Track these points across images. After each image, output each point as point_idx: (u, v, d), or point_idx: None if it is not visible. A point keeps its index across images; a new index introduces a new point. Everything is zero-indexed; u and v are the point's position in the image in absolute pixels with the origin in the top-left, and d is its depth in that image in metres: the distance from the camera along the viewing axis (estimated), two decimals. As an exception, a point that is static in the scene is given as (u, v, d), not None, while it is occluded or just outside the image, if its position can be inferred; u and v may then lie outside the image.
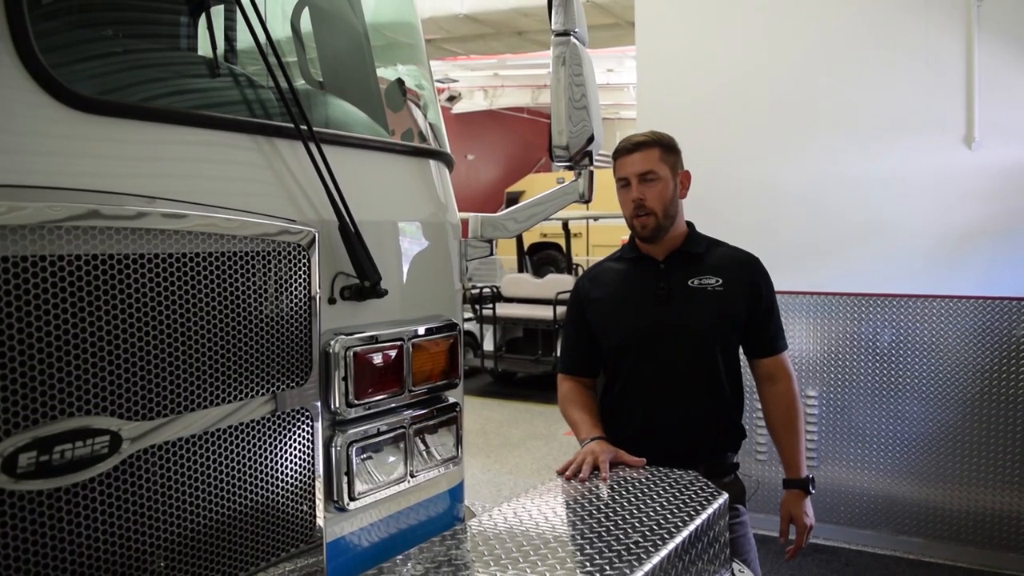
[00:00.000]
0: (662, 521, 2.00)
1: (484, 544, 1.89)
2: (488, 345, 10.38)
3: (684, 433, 2.68)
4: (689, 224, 2.80)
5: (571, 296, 2.95)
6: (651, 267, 2.75)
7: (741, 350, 2.80)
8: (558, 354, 9.84)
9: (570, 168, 2.60)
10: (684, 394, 2.68)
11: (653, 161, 2.64)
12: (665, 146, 2.69)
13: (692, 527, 1.99)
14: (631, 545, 1.85)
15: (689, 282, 2.69)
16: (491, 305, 10.34)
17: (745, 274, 2.73)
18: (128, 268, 1.47)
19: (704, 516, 2.06)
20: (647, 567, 1.75)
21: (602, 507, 2.12)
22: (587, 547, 1.85)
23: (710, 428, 2.72)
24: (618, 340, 2.75)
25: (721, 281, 2.68)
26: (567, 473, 2.44)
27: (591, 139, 2.41)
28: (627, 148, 2.68)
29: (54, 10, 1.90)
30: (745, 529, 2.75)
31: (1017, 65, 4.41)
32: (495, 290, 10.69)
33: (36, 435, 1.33)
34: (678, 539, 1.91)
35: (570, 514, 2.07)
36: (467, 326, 10.24)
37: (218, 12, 2.56)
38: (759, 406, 2.87)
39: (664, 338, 2.68)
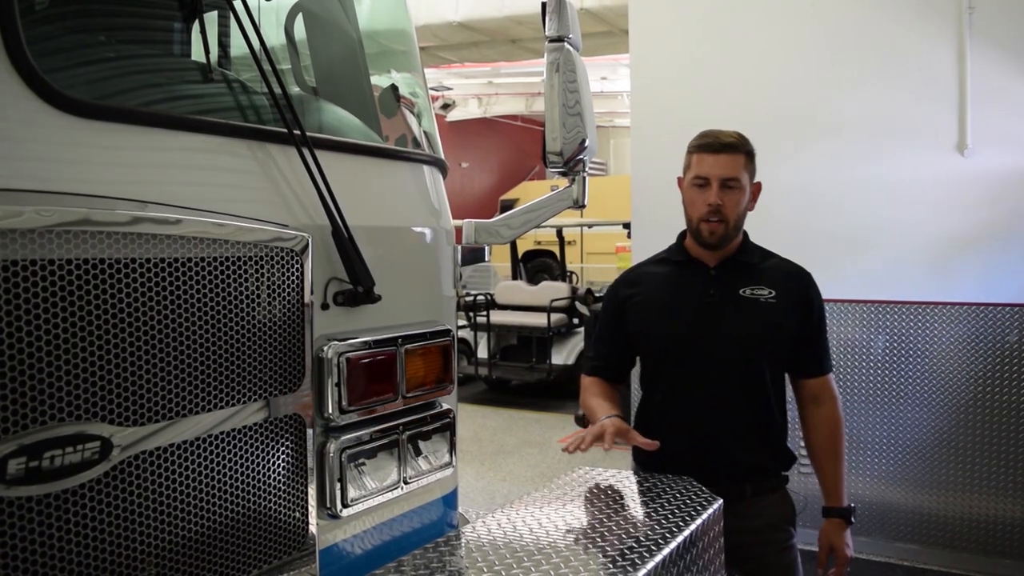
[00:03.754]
0: (656, 527, 2.00)
1: (478, 551, 1.88)
2: (482, 352, 10.37)
3: (728, 445, 2.56)
4: (743, 232, 2.68)
5: (605, 301, 2.84)
6: (701, 272, 2.62)
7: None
8: (553, 361, 9.86)
9: (564, 174, 2.59)
10: (727, 404, 2.56)
11: (738, 168, 2.51)
12: (749, 154, 2.56)
13: (686, 533, 1.98)
14: (625, 551, 1.85)
15: (740, 291, 2.57)
16: (485, 312, 10.33)
17: (798, 288, 2.62)
18: (120, 273, 1.46)
19: (698, 522, 2.06)
20: (640, 574, 1.75)
21: (596, 513, 2.11)
22: (581, 553, 1.84)
23: (754, 442, 2.60)
24: (660, 344, 2.64)
25: (774, 293, 2.56)
26: (569, 446, 2.34)
27: (583, 143, 2.40)
28: (715, 146, 2.53)
29: (47, 15, 1.90)
30: (794, 554, 2.64)
31: (1009, 73, 4.43)
32: (489, 297, 10.69)
33: (26, 441, 1.32)
34: (672, 545, 1.90)
35: (563, 521, 2.07)
36: (461, 333, 10.23)
37: (212, 18, 2.56)
38: (796, 424, 2.73)
39: (709, 346, 2.55)
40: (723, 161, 2.50)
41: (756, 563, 2.58)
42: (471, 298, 10.47)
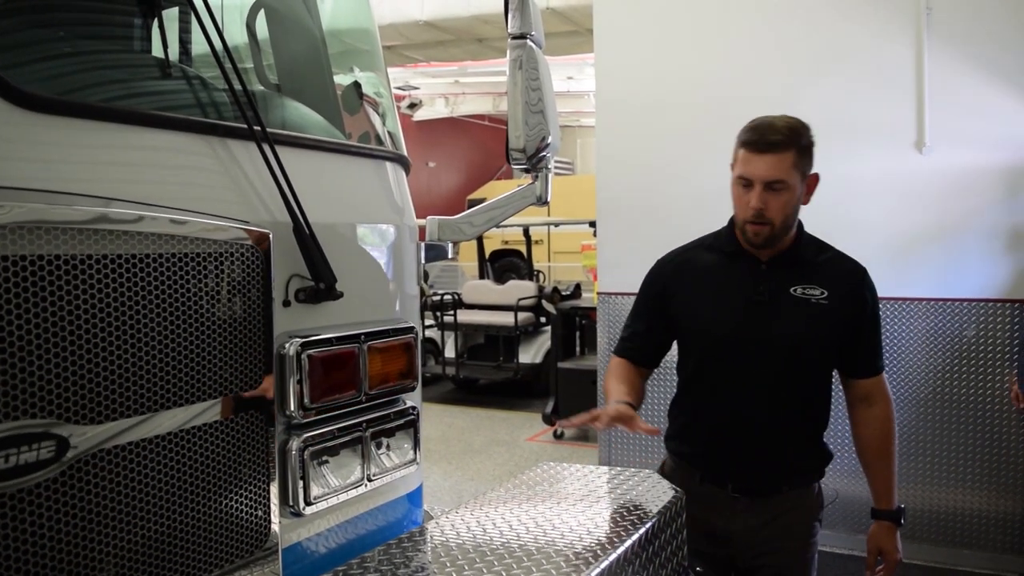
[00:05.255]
0: (617, 521, 2.01)
1: (442, 547, 1.89)
2: (450, 352, 10.36)
3: (768, 445, 2.51)
4: (798, 225, 2.54)
5: (648, 281, 2.70)
6: (751, 266, 2.51)
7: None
8: (520, 360, 9.88)
9: (528, 171, 2.59)
10: (769, 405, 2.48)
11: (785, 168, 2.35)
12: (802, 148, 2.38)
13: (646, 527, 2.00)
14: (584, 546, 1.86)
15: (792, 289, 2.46)
16: (452, 312, 10.33)
17: (852, 287, 2.51)
18: (78, 270, 1.45)
19: (657, 518, 2.07)
20: (597, 569, 1.76)
21: (558, 509, 2.13)
22: (544, 548, 1.85)
23: (795, 443, 2.55)
24: (703, 341, 2.57)
25: (827, 293, 2.45)
26: (561, 423, 2.29)
27: (545, 139, 2.39)
28: (759, 146, 2.36)
29: (3, 10, 1.87)
30: (815, 550, 2.61)
31: (967, 71, 4.51)
32: (456, 297, 10.69)
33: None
34: (630, 541, 1.92)
35: (527, 516, 2.07)
36: (428, 332, 10.22)
37: (173, 14, 2.54)
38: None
39: (754, 347, 2.47)
40: (768, 162, 2.35)
41: (779, 556, 2.56)
42: (438, 297, 10.46)
